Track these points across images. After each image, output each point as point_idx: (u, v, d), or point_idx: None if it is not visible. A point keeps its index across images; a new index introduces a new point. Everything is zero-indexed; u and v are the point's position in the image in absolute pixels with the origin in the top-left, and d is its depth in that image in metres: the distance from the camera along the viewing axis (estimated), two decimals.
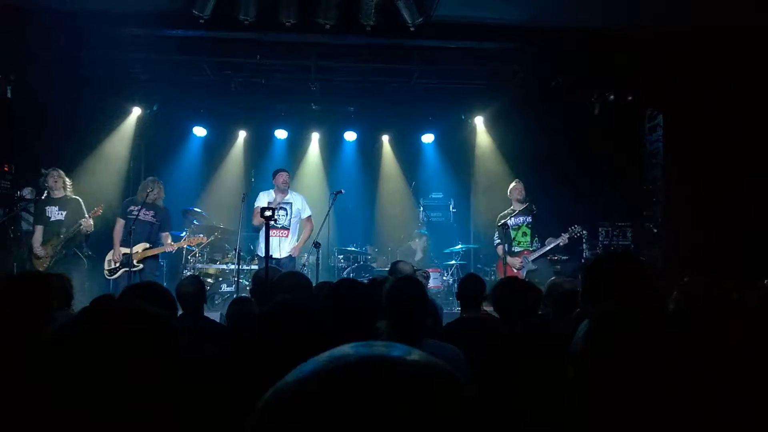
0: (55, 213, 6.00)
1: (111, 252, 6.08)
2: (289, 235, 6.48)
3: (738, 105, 6.38)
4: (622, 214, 7.67)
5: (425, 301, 2.40)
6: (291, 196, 6.64)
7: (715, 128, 6.64)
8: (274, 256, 6.11)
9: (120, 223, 6.10)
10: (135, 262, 5.93)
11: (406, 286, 2.42)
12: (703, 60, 6.20)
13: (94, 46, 6.31)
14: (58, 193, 6.07)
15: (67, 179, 6.15)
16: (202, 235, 6.71)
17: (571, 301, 2.91)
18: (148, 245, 6.07)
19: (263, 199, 6.54)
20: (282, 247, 6.39)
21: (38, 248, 5.90)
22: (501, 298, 2.92)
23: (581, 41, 6.25)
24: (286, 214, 6.51)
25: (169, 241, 6.29)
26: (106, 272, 6.00)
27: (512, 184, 6.70)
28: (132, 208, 6.10)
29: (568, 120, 7.75)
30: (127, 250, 5.90)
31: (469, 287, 3.15)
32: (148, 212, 6.11)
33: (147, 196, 6.07)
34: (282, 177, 6.53)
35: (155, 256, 6.21)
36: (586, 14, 5.90)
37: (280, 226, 6.37)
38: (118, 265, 6.02)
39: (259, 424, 0.48)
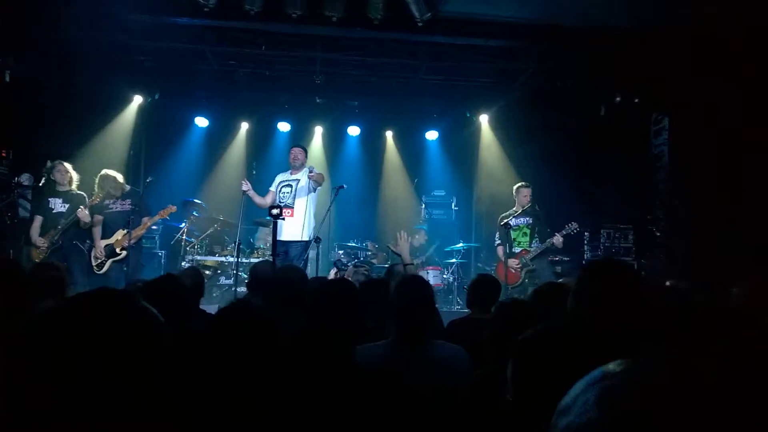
0: (58, 205, 5.94)
1: (93, 249, 6.02)
2: (294, 215, 5.94)
3: (746, 108, 6.31)
4: (626, 216, 7.61)
5: (433, 301, 2.34)
6: (300, 174, 6.13)
7: (722, 132, 6.58)
8: (279, 239, 5.52)
9: (98, 219, 6.02)
10: (117, 250, 5.95)
11: (413, 286, 2.36)
12: (710, 62, 6.13)
13: (96, 29, 6.19)
14: (63, 187, 5.98)
15: (74, 174, 6.04)
16: (171, 205, 6.33)
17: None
18: (125, 231, 5.95)
19: (277, 179, 6.36)
20: (285, 228, 5.83)
21: (36, 239, 5.84)
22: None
23: (589, 41, 6.17)
24: (291, 191, 6.03)
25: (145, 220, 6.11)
26: (94, 268, 5.97)
27: (521, 187, 6.52)
28: (107, 202, 6.04)
29: (573, 120, 7.68)
30: (108, 241, 5.97)
31: (482, 288, 3.08)
32: (124, 202, 6.07)
33: (113, 189, 6.03)
34: (291, 153, 6.27)
35: (137, 243, 6.09)
36: (595, 14, 5.82)
37: (283, 204, 5.77)
38: (103, 257, 5.98)
39: None
